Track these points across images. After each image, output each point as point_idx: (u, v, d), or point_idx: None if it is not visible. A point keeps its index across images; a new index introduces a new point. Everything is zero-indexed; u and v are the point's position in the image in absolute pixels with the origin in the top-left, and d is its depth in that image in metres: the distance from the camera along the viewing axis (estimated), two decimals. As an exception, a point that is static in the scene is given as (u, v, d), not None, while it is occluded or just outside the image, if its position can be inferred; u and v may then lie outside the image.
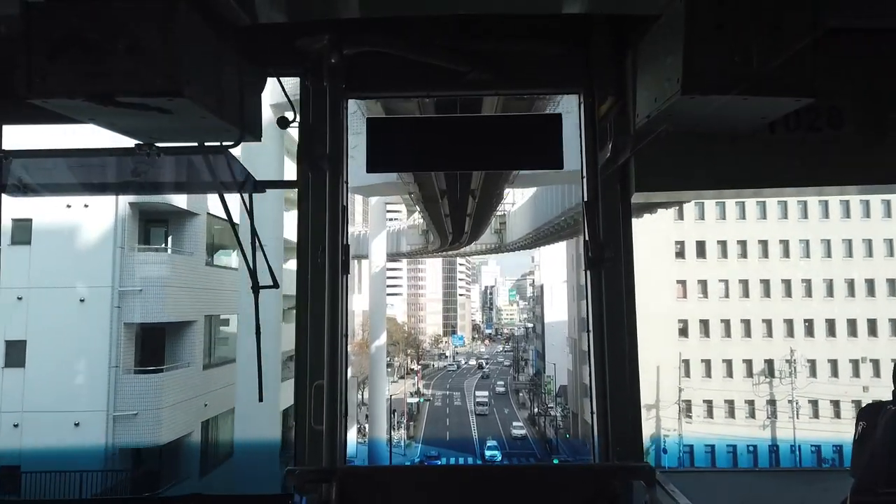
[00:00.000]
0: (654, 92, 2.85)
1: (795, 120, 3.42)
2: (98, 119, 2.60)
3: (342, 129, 3.62)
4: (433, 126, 4.00)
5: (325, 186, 3.53)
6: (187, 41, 2.43)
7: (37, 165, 3.39)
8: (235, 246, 20.26)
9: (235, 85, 2.88)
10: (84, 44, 2.32)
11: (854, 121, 3.45)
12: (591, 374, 3.57)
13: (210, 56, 2.67)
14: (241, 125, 2.88)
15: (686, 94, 2.56)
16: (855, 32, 3.23)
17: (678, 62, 2.57)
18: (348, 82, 3.56)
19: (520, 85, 3.84)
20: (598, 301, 3.53)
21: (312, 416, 3.42)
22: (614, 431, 3.41)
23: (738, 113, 2.77)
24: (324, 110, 3.54)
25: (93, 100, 2.35)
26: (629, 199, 3.58)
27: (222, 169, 3.21)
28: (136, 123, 2.68)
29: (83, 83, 2.32)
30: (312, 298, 3.52)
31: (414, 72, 3.52)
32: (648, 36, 2.97)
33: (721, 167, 3.49)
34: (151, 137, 2.82)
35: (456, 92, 4.25)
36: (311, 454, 3.40)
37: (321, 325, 3.47)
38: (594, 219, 3.54)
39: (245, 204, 3.23)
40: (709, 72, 2.52)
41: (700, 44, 2.53)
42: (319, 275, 3.50)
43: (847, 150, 3.44)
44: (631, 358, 3.47)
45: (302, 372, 3.50)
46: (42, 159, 3.33)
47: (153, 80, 2.33)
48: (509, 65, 3.57)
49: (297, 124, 3.55)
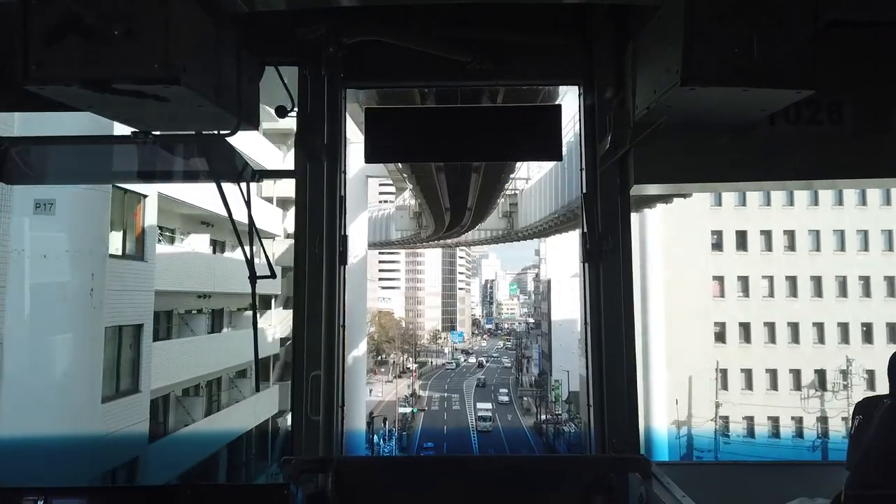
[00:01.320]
0: (654, 83, 2.88)
1: (796, 113, 3.42)
2: (94, 106, 2.63)
3: (340, 118, 3.69)
4: (431, 116, 4.06)
5: (322, 176, 3.60)
6: (185, 29, 2.44)
7: (34, 153, 3.25)
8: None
9: (233, 73, 2.88)
10: (81, 30, 2.31)
11: (854, 114, 3.44)
12: (588, 366, 3.64)
13: (208, 44, 2.67)
14: (238, 114, 2.86)
15: (685, 86, 2.60)
16: (856, 25, 3.27)
17: (678, 53, 2.59)
18: (346, 72, 3.60)
19: (519, 76, 3.90)
20: (596, 293, 3.59)
21: (309, 406, 3.45)
22: (611, 423, 3.47)
23: (738, 105, 2.81)
24: (322, 100, 3.60)
25: (89, 87, 2.39)
26: (628, 192, 3.59)
27: (219, 158, 3.11)
28: (133, 111, 2.69)
29: (79, 70, 2.34)
30: (310, 289, 3.56)
31: (413, 61, 3.58)
32: (649, 27, 2.99)
33: (721, 159, 3.47)
34: (148, 125, 2.83)
35: (455, 82, 4.35)
36: (307, 444, 3.44)
37: (319, 316, 3.52)
38: (592, 211, 3.58)
39: (243, 194, 3.20)
40: (708, 63, 2.56)
41: (700, 35, 2.55)
42: (317, 265, 3.56)
43: (847, 143, 3.43)
44: (628, 350, 3.53)
45: (299, 362, 3.53)
46: (39, 147, 3.24)
47: (150, 68, 2.34)
48: (509, 55, 3.61)
49: (294, 114, 3.55)
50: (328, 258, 3.54)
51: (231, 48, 2.85)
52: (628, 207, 3.59)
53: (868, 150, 3.44)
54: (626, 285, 3.54)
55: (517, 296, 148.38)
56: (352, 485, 2.94)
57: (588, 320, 3.63)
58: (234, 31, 2.85)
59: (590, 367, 3.59)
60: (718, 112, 2.90)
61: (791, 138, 3.43)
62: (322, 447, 3.43)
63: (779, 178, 3.70)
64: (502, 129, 3.72)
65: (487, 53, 3.53)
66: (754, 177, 3.63)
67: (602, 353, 3.53)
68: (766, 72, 2.53)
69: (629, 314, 3.52)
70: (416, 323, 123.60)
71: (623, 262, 3.54)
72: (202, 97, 2.55)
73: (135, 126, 2.82)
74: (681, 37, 2.55)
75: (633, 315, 3.56)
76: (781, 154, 3.46)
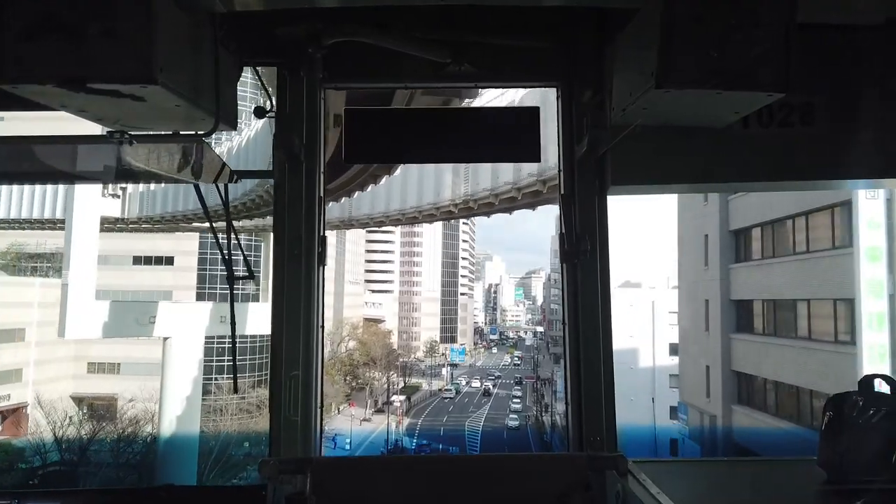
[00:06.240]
0: (630, 86, 2.92)
1: (769, 115, 3.46)
2: (69, 105, 2.60)
3: (319, 119, 3.68)
4: (410, 118, 4.05)
5: (301, 176, 3.60)
6: (163, 28, 2.42)
7: (5, 153, 3.28)
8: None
9: (211, 73, 2.88)
10: (58, 27, 2.30)
11: (826, 117, 3.48)
12: (566, 365, 3.70)
13: (186, 43, 2.68)
14: (216, 114, 2.88)
15: (660, 88, 2.63)
16: (828, 28, 3.31)
17: (654, 56, 2.62)
18: (326, 72, 3.61)
19: (499, 77, 3.97)
20: (574, 294, 3.62)
21: (288, 406, 3.47)
22: (588, 422, 3.51)
23: (712, 107, 2.86)
24: (301, 100, 3.60)
25: (64, 85, 2.37)
26: (605, 193, 3.62)
27: (197, 158, 3.09)
28: (109, 110, 2.67)
29: (55, 68, 2.33)
30: (288, 289, 3.56)
31: (392, 62, 3.58)
32: (627, 30, 3.02)
33: (696, 161, 3.52)
34: (124, 125, 2.81)
35: (435, 83, 4.53)
36: (286, 445, 3.46)
37: (297, 317, 3.53)
38: (571, 212, 3.61)
39: (220, 194, 3.32)
40: (684, 66, 2.59)
41: (676, 38, 2.58)
42: (296, 265, 3.56)
43: (819, 145, 3.48)
44: (605, 350, 3.56)
45: (277, 362, 3.54)
46: (10, 146, 3.18)
47: (127, 67, 2.34)
48: (489, 57, 3.61)
49: (273, 114, 3.59)
50: (306, 258, 3.56)
51: (209, 48, 2.86)
52: (606, 209, 3.63)
53: (839, 151, 3.49)
54: (604, 286, 3.59)
55: (523, 301, 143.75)
56: (330, 485, 2.93)
57: (566, 320, 3.67)
58: (213, 30, 2.87)
59: (568, 366, 3.66)
60: (693, 114, 2.98)
61: (764, 140, 3.48)
62: (301, 448, 3.43)
63: (752, 180, 3.79)
64: (481, 130, 3.76)
65: (467, 55, 3.53)
66: (730, 178, 3.68)
67: (580, 352, 3.57)
68: (739, 74, 2.59)
69: (607, 314, 3.58)
70: (411, 332, 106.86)
71: (601, 262, 3.59)
72: (180, 97, 2.57)
73: (111, 126, 2.78)
74: (656, 40, 2.59)
75: (611, 315, 3.60)
76: (755, 156, 3.50)
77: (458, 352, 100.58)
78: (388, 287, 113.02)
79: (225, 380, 45.94)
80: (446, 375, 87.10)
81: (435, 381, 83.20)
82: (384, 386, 68.99)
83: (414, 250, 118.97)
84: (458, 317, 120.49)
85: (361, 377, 69.64)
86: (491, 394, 76.63)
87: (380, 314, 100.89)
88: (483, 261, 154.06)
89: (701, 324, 27.99)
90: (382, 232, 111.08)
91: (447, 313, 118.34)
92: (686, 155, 3.43)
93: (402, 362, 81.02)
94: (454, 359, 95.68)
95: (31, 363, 48.80)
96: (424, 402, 73.69)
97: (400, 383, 72.89)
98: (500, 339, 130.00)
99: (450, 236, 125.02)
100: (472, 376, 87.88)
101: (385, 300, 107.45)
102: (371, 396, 66.88)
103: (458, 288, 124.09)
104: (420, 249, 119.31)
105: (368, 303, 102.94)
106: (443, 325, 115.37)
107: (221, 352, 44.47)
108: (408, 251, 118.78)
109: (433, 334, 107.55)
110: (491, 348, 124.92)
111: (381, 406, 64.31)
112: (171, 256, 58.15)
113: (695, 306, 29.31)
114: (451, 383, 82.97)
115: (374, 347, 74.57)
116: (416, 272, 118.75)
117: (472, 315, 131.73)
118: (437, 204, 28.70)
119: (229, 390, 45.64)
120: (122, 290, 55.37)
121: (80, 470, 31.11)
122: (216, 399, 47.20)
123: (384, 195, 32.09)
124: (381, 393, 67.79)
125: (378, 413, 62.05)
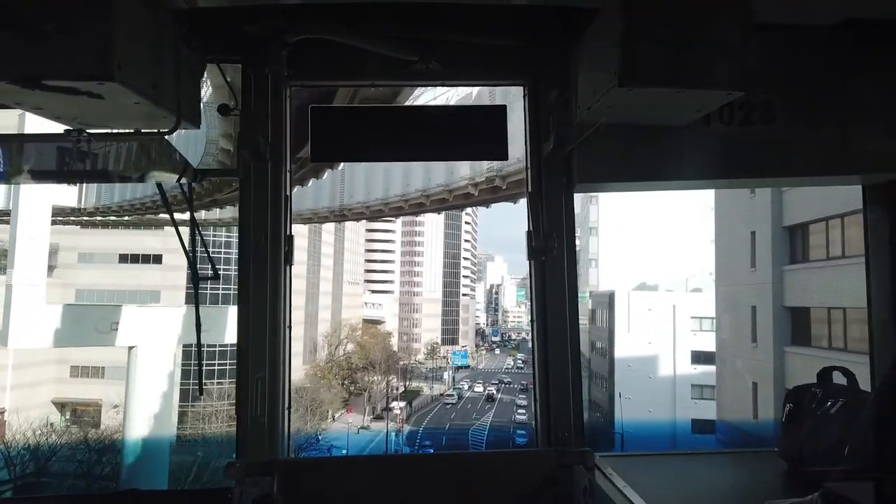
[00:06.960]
0: (595, 84, 3.01)
1: (729, 113, 3.51)
2: (25, 103, 2.60)
3: (284, 117, 3.67)
4: (377, 116, 4.05)
5: (267, 175, 3.57)
6: (121, 23, 2.42)
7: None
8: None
9: (172, 70, 2.88)
10: (12, 23, 2.29)
11: (785, 115, 3.54)
12: (534, 363, 3.73)
13: (146, 40, 2.66)
14: (178, 112, 2.90)
15: (623, 86, 2.70)
16: (789, 28, 3.39)
17: (617, 54, 2.69)
18: (291, 69, 3.59)
19: (466, 76, 3.97)
20: (541, 291, 3.64)
21: (255, 408, 3.43)
22: (555, 418, 3.53)
23: (674, 105, 2.96)
24: (265, 98, 3.56)
25: (18, 83, 2.35)
26: (572, 191, 3.68)
27: (159, 156, 3.17)
28: (66, 108, 2.66)
29: (9, 64, 2.32)
30: (254, 289, 3.52)
31: (358, 60, 3.58)
32: (592, 29, 3.10)
33: (660, 159, 3.56)
34: (82, 123, 2.82)
35: (401, 82, 4.72)
36: (253, 447, 3.43)
37: (263, 317, 3.50)
38: (537, 210, 3.65)
39: (184, 192, 3.36)
40: (646, 64, 2.67)
41: (638, 37, 2.65)
42: (262, 265, 3.53)
43: (780, 143, 3.55)
44: (572, 346, 3.59)
45: (244, 364, 3.49)
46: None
47: (83, 63, 2.33)
48: (456, 55, 3.62)
49: (237, 112, 3.56)
50: (272, 258, 3.52)
51: (171, 44, 2.86)
52: (572, 206, 3.69)
53: (800, 150, 3.56)
54: (571, 282, 3.62)
55: (524, 302, 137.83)
56: (298, 487, 2.97)
57: (534, 317, 3.69)
58: (175, 26, 2.87)
59: (536, 363, 3.69)
60: (656, 112, 3.08)
61: (725, 138, 3.53)
62: (267, 449, 3.38)
63: (715, 178, 3.93)
64: (448, 129, 3.78)
65: (434, 53, 3.53)
66: (694, 176, 3.72)
67: (547, 349, 3.59)
68: (700, 73, 2.67)
69: (573, 310, 3.62)
70: (412, 334, 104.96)
71: (568, 259, 3.62)
72: (139, 94, 2.56)
73: (69, 124, 2.79)
74: (619, 39, 2.66)
75: (578, 311, 3.66)
76: (717, 154, 3.54)
77: (461, 355, 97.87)
78: (389, 287, 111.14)
79: (215, 385, 43.77)
80: (447, 379, 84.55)
81: (436, 384, 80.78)
82: (383, 391, 66.25)
83: (415, 249, 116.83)
84: (459, 318, 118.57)
85: (360, 381, 66.89)
86: (495, 399, 74.00)
87: (379, 315, 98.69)
88: (485, 261, 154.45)
89: (746, 334, 25.10)
90: (383, 231, 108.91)
91: (448, 314, 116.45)
92: (651, 153, 3.48)
93: (403, 365, 78.26)
94: (456, 362, 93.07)
95: (8, 367, 46.06)
96: (426, 407, 70.89)
97: (400, 388, 70.15)
98: (503, 341, 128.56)
99: (451, 235, 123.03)
100: (474, 380, 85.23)
101: (385, 301, 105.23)
102: (370, 402, 64.14)
103: (459, 288, 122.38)
104: (421, 249, 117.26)
105: (368, 303, 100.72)
106: (444, 327, 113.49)
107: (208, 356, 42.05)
108: (408, 250, 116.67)
109: (434, 336, 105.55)
110: (493, 350, 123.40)
111: (381, 412, 61.53)
112: (158, 255, 55.39)
113: (737, 314, 26.40)
114: (453, 388, 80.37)
115: (374, 350, 71.90)
116: (416, 272, 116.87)
117: (474, 316, 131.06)
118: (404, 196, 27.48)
119: (219, 396, 43.60)
120: (108, 291, 52.81)
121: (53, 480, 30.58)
122: (205, 405, 44.97)
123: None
124: (380, 398, 65.03)
125: (377, 420, 59.29)
